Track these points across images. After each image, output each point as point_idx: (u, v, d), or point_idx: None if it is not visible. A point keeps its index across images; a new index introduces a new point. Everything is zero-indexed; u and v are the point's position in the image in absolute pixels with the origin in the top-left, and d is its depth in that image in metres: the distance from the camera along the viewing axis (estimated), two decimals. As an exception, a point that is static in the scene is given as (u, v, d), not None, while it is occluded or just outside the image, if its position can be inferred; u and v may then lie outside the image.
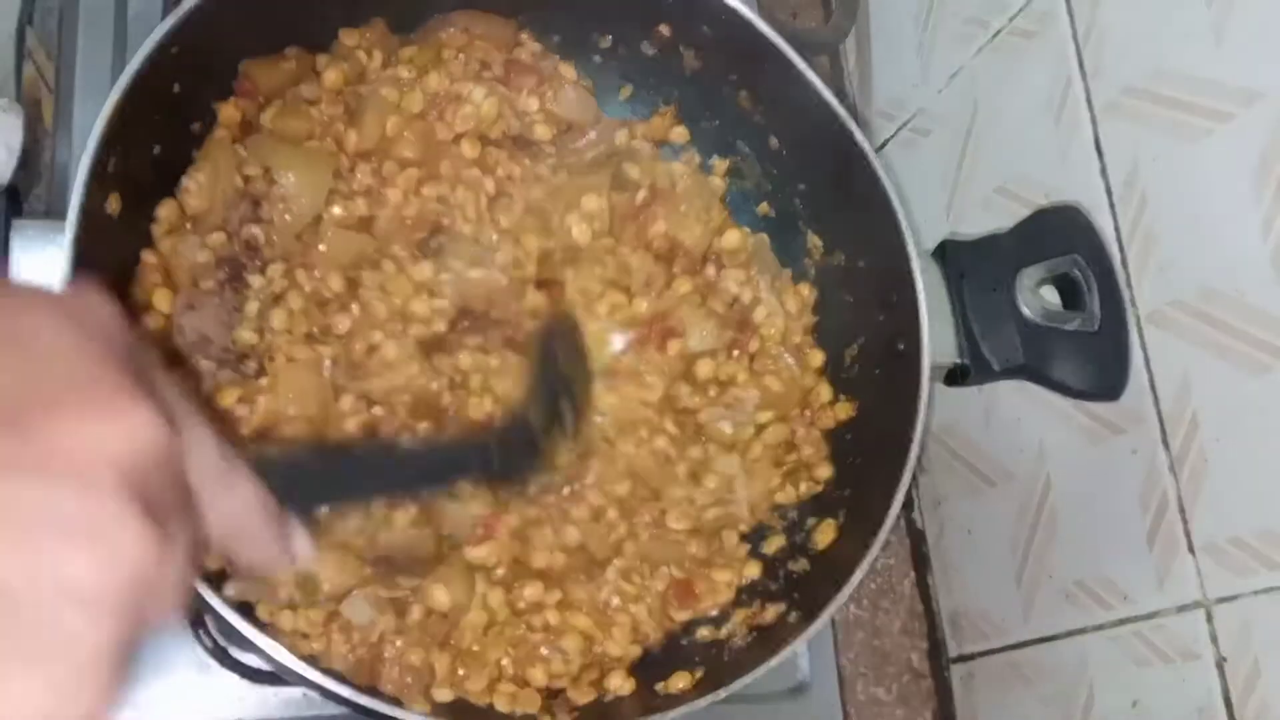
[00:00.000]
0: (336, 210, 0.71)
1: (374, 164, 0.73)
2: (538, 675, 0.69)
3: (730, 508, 0.76)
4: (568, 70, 0.81)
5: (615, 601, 0.73)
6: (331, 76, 0.74)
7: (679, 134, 0.84)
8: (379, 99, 0.74)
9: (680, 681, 0.70)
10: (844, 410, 0.78)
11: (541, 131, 0.79)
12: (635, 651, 0.73)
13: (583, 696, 0.70)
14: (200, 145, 0.71)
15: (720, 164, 0.84)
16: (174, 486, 0.31)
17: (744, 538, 0.77)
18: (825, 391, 0.79)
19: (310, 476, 0.51)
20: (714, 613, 0.75)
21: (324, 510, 0.57)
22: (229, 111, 0.72)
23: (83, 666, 0.26)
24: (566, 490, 0.73)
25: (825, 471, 0.78)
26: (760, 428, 0.77)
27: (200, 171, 0.69)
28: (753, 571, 0.76)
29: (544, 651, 0.70)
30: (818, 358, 0.80)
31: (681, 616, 0.74)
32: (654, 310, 0.76)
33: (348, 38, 0.76)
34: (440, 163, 0.75)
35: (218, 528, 0.35)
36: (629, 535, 0.74)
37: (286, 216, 0.70)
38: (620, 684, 0.71)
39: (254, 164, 0.70)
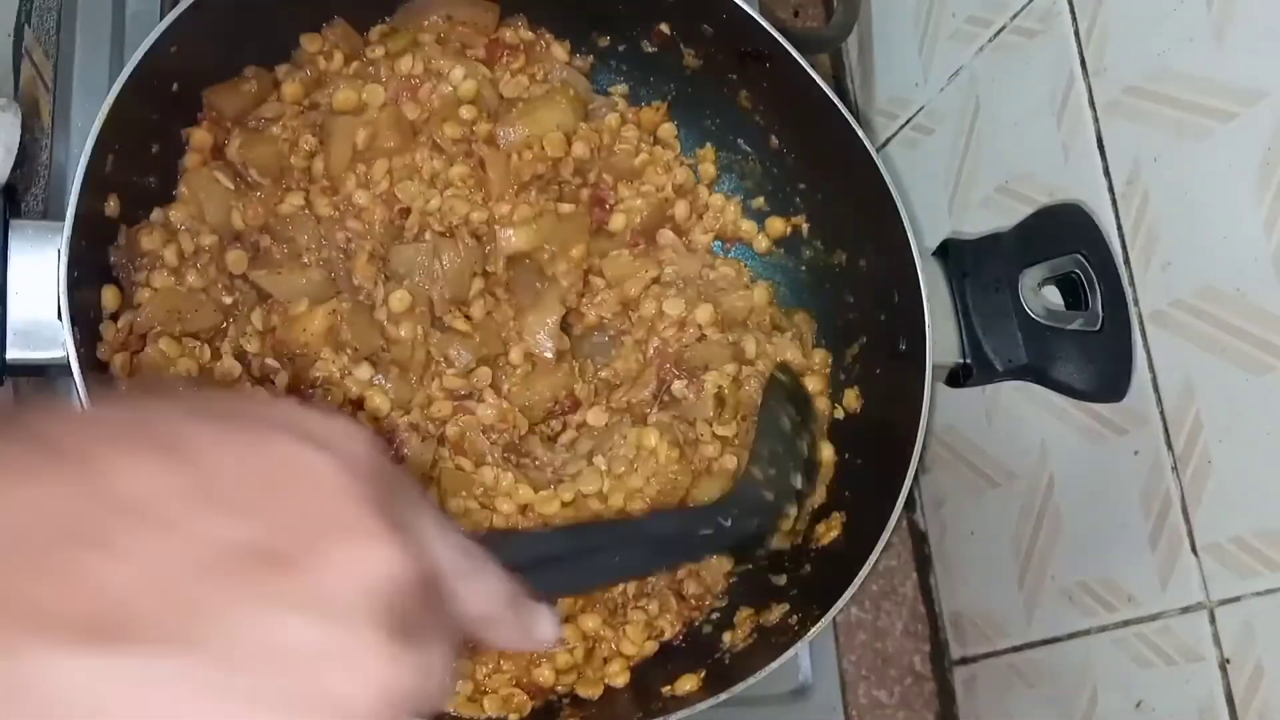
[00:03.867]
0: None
1: (340, 198, 0.72)
2: (545, 674, 0.69)
3: None
4: (560, 50, 0.80)
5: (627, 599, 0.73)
6: (290, 89, 0.73)
7: (667, 130, 0.83)
8: (342, 125, 0.72)
9: (687, 684, 0.69)
10: (852, 398, 0.79)
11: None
12: (651, 648, 0.72)
13: (590, 690, 0.70)
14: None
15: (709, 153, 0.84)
16: (426, 601, 0.34)
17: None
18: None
19: (550, 561, 0.51)
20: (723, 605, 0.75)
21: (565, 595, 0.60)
22: (200, 136, 0.71)
23: None
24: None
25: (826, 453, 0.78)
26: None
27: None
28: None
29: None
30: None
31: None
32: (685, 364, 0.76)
33: (310, 43, 0.75)
34: (418, 139, 0.74)
35: (468, 619, 0.38)
36: None
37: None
38: (617, 675, 0.71)
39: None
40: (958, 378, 0.73)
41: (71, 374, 0.59)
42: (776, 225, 0.83)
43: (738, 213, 0.83)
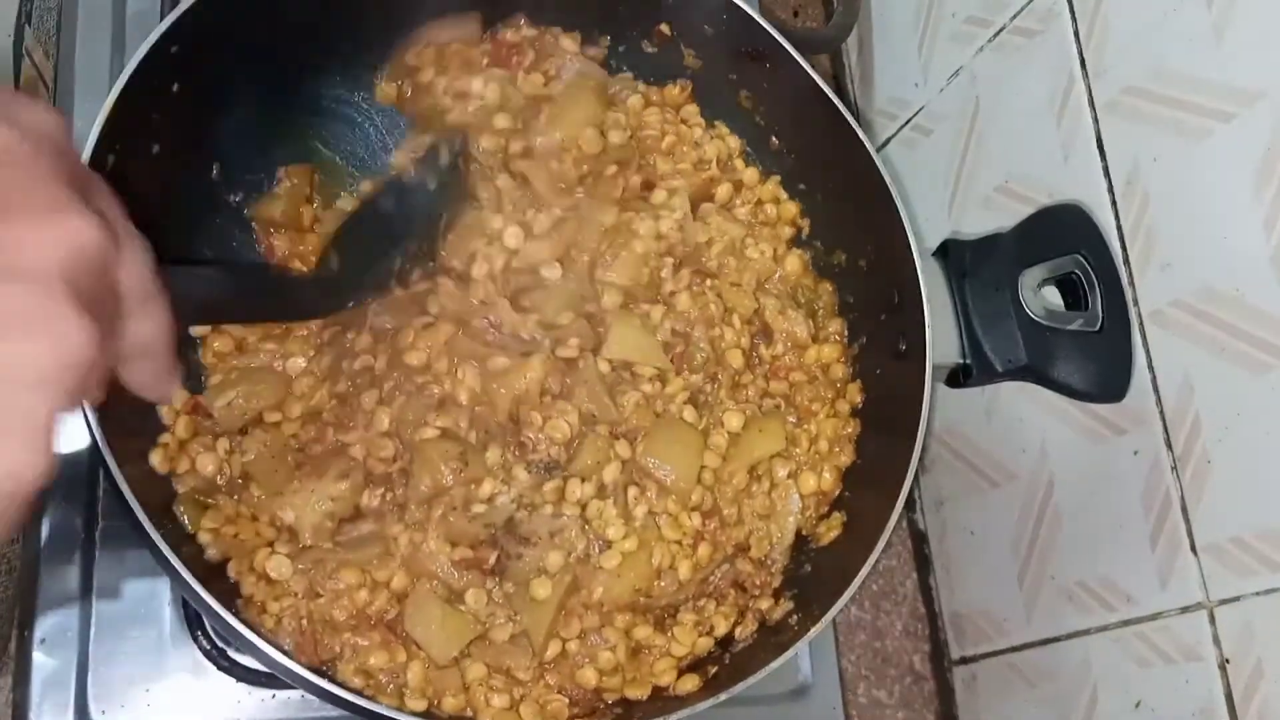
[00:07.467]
0: None
1: None
2: (588, 676, 0.69)
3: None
4: (569, 42, 0.80)
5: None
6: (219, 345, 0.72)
7: (692, 110, 0.83)
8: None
9: (687, 684, 0.69)
10: (853, 394, 0.79)
11: None
12: (706, 645, 0.72)
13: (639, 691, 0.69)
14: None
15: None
16: (108, 292, 0.37)
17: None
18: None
19: (207, 299, 0.56)
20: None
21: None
22: (220, 342, 0.71)
23: (37, 436, 0.32)
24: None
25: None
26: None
27: None
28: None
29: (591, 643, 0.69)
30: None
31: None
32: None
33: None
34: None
35: (128, 344, 0.40)
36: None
37: None
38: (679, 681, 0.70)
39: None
40: (958, 378, 0.73)
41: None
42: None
43: (777, 187, 0.82)
